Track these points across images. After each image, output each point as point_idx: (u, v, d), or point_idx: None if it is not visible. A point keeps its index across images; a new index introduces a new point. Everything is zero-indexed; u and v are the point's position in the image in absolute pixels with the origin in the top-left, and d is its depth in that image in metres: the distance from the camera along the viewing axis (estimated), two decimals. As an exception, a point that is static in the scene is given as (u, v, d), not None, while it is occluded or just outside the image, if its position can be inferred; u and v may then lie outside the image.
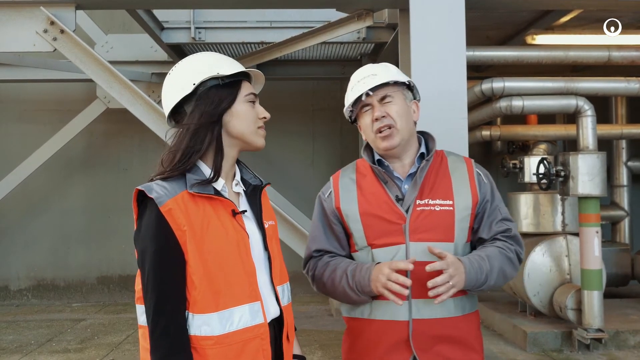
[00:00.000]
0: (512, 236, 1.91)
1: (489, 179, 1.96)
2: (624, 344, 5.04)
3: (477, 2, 3.75)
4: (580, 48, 5.21)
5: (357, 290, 1.81)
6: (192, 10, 6.05)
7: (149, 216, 1.50)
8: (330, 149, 7.83)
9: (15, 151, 7.46)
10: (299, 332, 5.85)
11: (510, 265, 1.87)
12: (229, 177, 1.68)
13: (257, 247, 1.62)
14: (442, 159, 1.96)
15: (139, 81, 6.48)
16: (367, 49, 6.60)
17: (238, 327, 1.52)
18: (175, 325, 1.47)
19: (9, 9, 3.95)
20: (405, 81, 1.93)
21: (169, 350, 1.46)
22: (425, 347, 1.79)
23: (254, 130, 1.66)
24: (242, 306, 1.53)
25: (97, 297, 7.73)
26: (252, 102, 1.66)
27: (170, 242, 1.48)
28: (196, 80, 1.58)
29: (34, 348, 5.51)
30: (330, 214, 1.94)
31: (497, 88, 5.06)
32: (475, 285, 1.79)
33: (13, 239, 7.67)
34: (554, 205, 5.50)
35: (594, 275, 4.82)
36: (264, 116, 1.69)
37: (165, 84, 1.67)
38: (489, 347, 5.19)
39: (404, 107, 1.90)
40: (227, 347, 1.50)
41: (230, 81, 1.62)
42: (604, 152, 4.94)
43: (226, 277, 1.52)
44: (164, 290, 1.47)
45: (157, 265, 1.48)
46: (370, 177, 1.93)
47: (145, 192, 1.50)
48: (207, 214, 1.53)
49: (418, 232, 1.81)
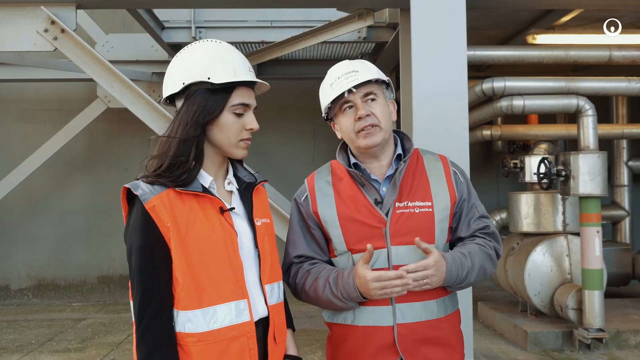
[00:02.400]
0: (491, 233, 1.90)
1: (465, 176, 1.92)
2: (625, 344, 5.03)
3: (478, 1, 3.74)
4: (581, 48, 5.20)
5: (343, 298, 1.76)
6: (192, 9, 6.06)
7: (135, 213, 1.51)
8: (331, 148, 7.79)
9: (16, 150, 7.47)
10: (299, 332, 5.88)
11: (489, 261, 1.86)
12: (220, 174, 1.67)
13: (247, 245, 1.61)
14: (418, 159, 1.91)
15: (139, 81, 6.48)
16: (367, 49, 6.60)
17: (223, 325, 1.51)
18: (159, 320, 1.48)
19: (10, 8, 3.95)
20: (386, 80, 1.87)
21: (152, 345, 1.47)
22: (411, 349, 1.76)
23: (235, 144, 1.62)
24: (227, 304, 1.52)
25: (98, 297, 7.73)
26: (238, 114, 1.61)
27: (155, 239, 1.48)
28: (186, 80, 1.57)
29: (35, 347, 5.51)
30: (308, 218, 1.88)
31: (497, 87, 5.05)
32: (455, 282, 1.77)
33: (14, 238, 7.68)
34: (554, 205, 5.50)
35: (595, 275, 4.82)
36: (252, 127, 1.64)
37: (170, 65, 1.65)
38: (489, 346, 5.19)
39: (386, 106, 1.85)
40: (211, 344, 1.50)
41: (222, 87, 1.57)
42: (605, 152, 4.94)
43: (211, 274, 1.51)
44: (149, 286, 1.48)
45: (142, 261, 1.49)
46: (347, 180, 1.87)
47: (131, 190, 1.52)
48: (194, 211, 1.53)
49: (399, 236, 1.77)
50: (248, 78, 1.61)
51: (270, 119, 7.75)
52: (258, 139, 7.70)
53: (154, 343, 1.47)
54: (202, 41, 1.66)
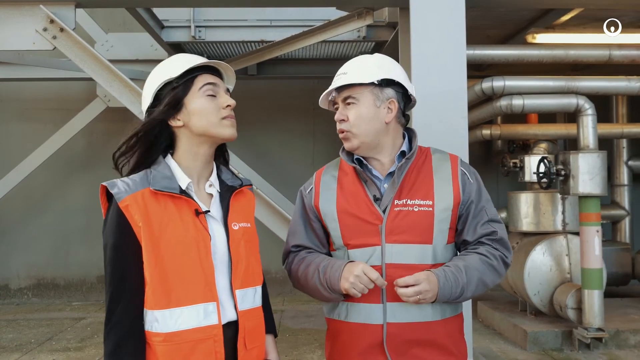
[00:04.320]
0: (498, 239, 1.82)
1: (475, 178, 1.87)
2: (625, 343, 5.03)
3: (478, 0, 3.74)
4: (581, 47, 5.20)
5: (327, 288, 1.76)
6: (192, 8, 6.06)
7: (111, 211, 1.54)
8: (331, 147, 7.81)
9: (15, 150, 7.46)
10: (299, 332, 5.88)
11: (492, 273, 1.79)
12: (203, 176, 1.67)
13: (221, 249, 1.61)
14: (426, 157, 1.88)
15: (139, 80, 6.44)
16: (367, 48, 6.59)
17: (189, 327, 1.52)
18: (127, 318, 1.50)
19: (9, 7, 3.95)
20: (373, 81, 1.79)
21: (118, 341, 1.49)
22: (400, 351, 1.74)
23: (217, 122, 1.63)
24: (195, 305, 1.53)
25: (97, 296, 7.72)
26: (211, 95, 1.63)
27: (127, 237, 1.51)
28: (155, 88, 1.63)
29: (34, 347, 5.51)
30: (309, 211, 1.90)
31: (497, 87, 5.05)
32: (450, 299, 1.73)
33: (13, 237, 7.67)
34: (554, 205, 5.49)
35: (595, 275, 4.81)
36: (228, 104, 1.65)
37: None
38: (489, 346, 5.19)
39: (369, 109, 1.79)
40: (176, 345, 1.50)
41: (185, 80, 1.61)
42: (605, 151, 4.93)
43: (181, 275, 1.52)
44: (119, 283, 1.51)
45: (114, 259, 1.52)
46: (352, 176, 1.87)
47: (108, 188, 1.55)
48: (169, 212, 1.54)
49: (394, 234, 1.75)
50: (202, 62, 1.64)
51: (270, 118, 7.76)
52: (257, 138, 7.70)
53: (120, 340, 1.49)
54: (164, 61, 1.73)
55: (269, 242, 4.07)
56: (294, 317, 6.45)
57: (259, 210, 3.93)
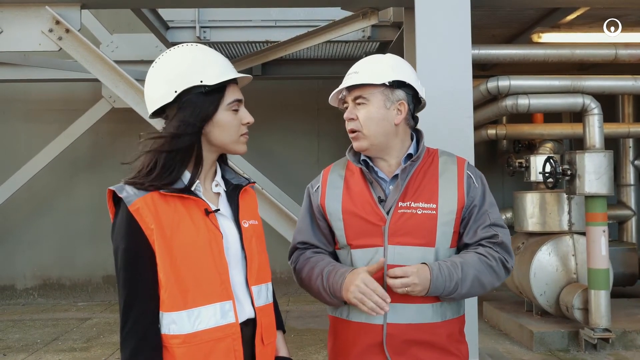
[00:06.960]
0: (499, 243, 1.80)
1: (481, 182, 1.85)
2: (632, 344, 5.00)
3: (483, 0, 3.73)
4: (587, 46, 5.18)
5: (329, 294, 1.78)
6: (197, 9, 6.06)
7: (120, 215, 1.52)
8: (335, 147, 7.80)
9: (21, 151, 7.49)
10: (304, 332, 5.88)
11: (490, 273, 1.77)
12: (209, 176, 1.67)
13: (233, 247, 1.61)
14: (433, 159, 1.87)
15: (144, 81, 6.46)
16: (372, 48, 6.58)
17: (207, 326, 1.51)
18: (143, 322, 1.48)
19: (15, 8, 3.97)
20: (385, 82, 1.78)
21: (135, 347, 1.47)
22: (399, 351, 1.75)
23: (236, 139, 1.63)
24: (212, 305, 1.52)
25: (103, 296, 7.74)
26: (235, 111, 1.61)
27: (139, 241, 1.49)
28: (178, 88, 1.55)
29: (40, 347, 5.53)
30: (316, 209, 1.91)
31: (502, 86, 5.04)
32: (443, 294, 1.72)
33: (19, 238, 7.70)
34: (560, 204, 5.47)
35: (601, 275, 4.79)
36: (248, 121, 1.64)
37: (147, 78, 1.63)
38: (494, 346, 5.17)
39: (379, 110, 1.79)
40: (196, 346, 1.49)
41: (217, 88, 1.56)
42: (611, 151, 4.91)
43: (196, 275, 1.51)
44: (133, 288, 1.49)
45: (126, 263, 1.50)
46: (358, 176, 1.87)
47: (116, 192, 1.52)
48: (179, 212, 1.53)
49: (397, 235, 1.76)
50: (237, 75, 1.62)
51: (275, 118, 7.76)
52: (262, 138, 7.70)
53: (137, 345, 1.47)
54: (180, 47, 1.63)
55: (274, 241, 4.06)
56: (299, 317, 6.45)
57: (263, 210, 3.93)
